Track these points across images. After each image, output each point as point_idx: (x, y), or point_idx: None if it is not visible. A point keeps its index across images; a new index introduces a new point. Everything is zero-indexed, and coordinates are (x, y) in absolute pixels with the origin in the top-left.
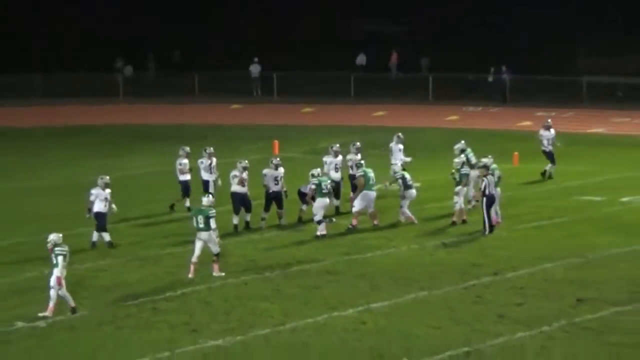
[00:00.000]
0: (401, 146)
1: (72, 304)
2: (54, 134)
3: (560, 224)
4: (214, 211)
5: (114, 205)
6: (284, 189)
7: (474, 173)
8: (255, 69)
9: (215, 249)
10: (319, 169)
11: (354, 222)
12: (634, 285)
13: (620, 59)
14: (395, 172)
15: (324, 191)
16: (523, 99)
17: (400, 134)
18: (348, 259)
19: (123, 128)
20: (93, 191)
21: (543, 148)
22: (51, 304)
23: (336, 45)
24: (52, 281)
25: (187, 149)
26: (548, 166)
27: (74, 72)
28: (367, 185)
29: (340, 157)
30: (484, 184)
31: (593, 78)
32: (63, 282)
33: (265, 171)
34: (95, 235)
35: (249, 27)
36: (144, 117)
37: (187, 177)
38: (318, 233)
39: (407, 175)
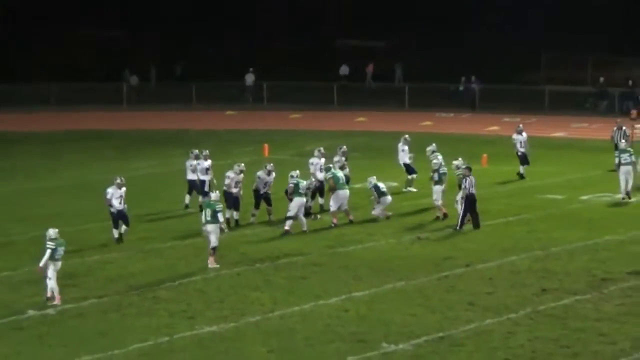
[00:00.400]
0: (406, 147)
1: (48, 294)
2: (70, 139)
3: (525, 220)
4: (220, 206)
5: (125, 205)
6: (270, 191)
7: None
8: (249, 78)
9: (214, 242)
10: (297, 171)
11: (334, 220)
12: (592, 276)
13: (581, 71)
14: (369, 182)
15: (300, 191)
16: (491, 106)
17: (407, 136)
18: (332, 252)
19: (129, 133)
20: (109, 190)
21: (516, 151)
22: (55, 294)
23: (321, 58)
24: (49, 273)
25: (197, 151)
26: (521, 167)
27: (85, 82)
28: (338, 185)
29: (323, 160)
30: (466, 183)
31: (554, 87)
32: (46, 271)
33: (259, 174)
34: (115, 232)
35: (241, 40)
36: (148, 123)
37: (195, 176)
38: (286, 227)
39: (380, 184)
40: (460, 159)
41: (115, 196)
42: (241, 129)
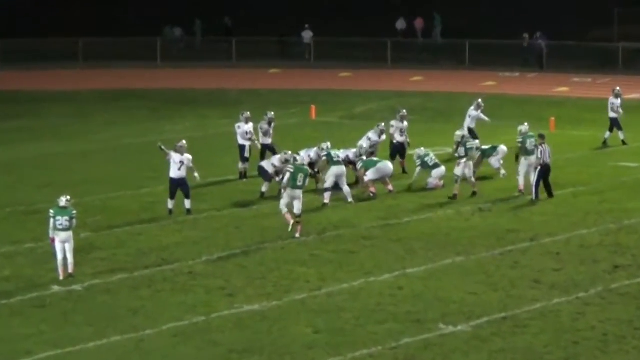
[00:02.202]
0: (474, 112)
1: (59, 273)
2: (100, 99)
3: (596, 189)
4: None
5: (197, 174)
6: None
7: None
8: (307, 35)
9: (299, 209)
10: (328, 143)
11: (372, 189)
12: None
13: None
14: (417, 157)
15: (335, 159)
16: (560, 65)
17: (480, 100)
18: (384, 224)
19: (163, 92)
20: (172, 154)
21: (611, 115)
22: (60, 271)
23: (374, 10)
24: (56, 246)
25: (248, 113)
26: (607, 133)
27: (116, 36)
28: (331, 163)
29: (405, 123)
30: (539, 151)
31: (629, 44)
32: (53, 243)
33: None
34: (170, 203)
35: None
36: (183, 82)
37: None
38: (325, 200)
39: (429, 156)
40: (526, 124)
41: (175, 161)
42: (285, 88)
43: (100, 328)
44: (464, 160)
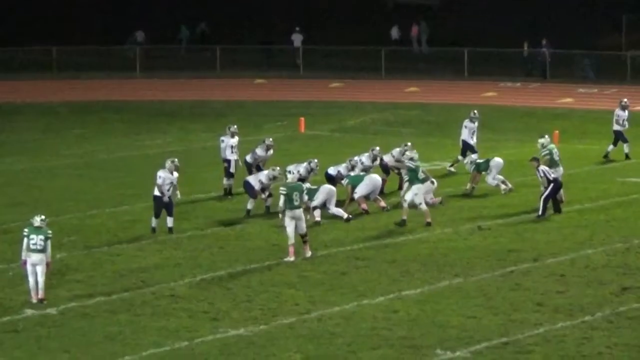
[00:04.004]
0: (470, 124)
1: (31, 296)
2: (75, 111)
3: (603, 207)
4: (308, 185)
5: (178, 192)
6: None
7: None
8: (297, 38)
9: (303, 228)
10: (316, 160)
11: (364, 206)
12: None
13: None
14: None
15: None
16: (564, 74)
17: (475, 111)
18: (378, 244)
19: (141, 104)
20: (160, 173)
21: (616, 128)
22: (32, 294)
23: (368, 17)
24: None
25: (235, 127)
26: (610, 147)
27: (88, 45)
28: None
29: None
30: (541, 171)
31: (638, 53)
32: (24, 265)
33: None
34: (154, 222)
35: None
36: (162, 93)
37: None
38: (317, 219)
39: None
40: (546, 136)
41: (167, 182)
42: (272, 100)
43: (75, 355)
44: (417, 185)
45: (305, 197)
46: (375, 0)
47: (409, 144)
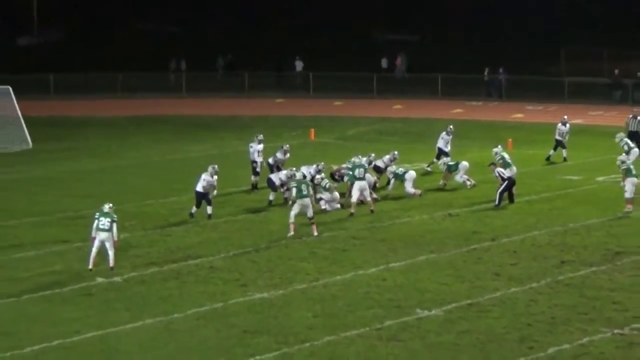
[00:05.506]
0: (446, 136)
1: (90, 265)
2: (133, 123)
3: (546, 198)
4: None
5: (215, 191)
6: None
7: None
8: (299, 64)
9: (311, 213)
10: (322, 163)
11: (353, 210)
12: (606, 250)
13: (598, 63)
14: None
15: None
16: (516, 95)
17: (451, 126)
18: (371, 227)
19: (185, 118)
20: (204, 176)
21: (557, 137)
22: (90, 263)
23: (362, 51)
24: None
25: (261, 136)
26: (551, 151)
27: (148, 71)
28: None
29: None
30: (496, 171)
31: (573, 79)
32: (93, 240)
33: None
34: (194, 209)
35: (289, 37)
36: (202, 109)
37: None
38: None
39: (399, 170)
40: (499, 146)
41: (209, 183)
42: (289, 114)
43: (136, 313)
44: (360, 182)
45: (311, 190)
46: (369, 37)
47: (396, 152)
